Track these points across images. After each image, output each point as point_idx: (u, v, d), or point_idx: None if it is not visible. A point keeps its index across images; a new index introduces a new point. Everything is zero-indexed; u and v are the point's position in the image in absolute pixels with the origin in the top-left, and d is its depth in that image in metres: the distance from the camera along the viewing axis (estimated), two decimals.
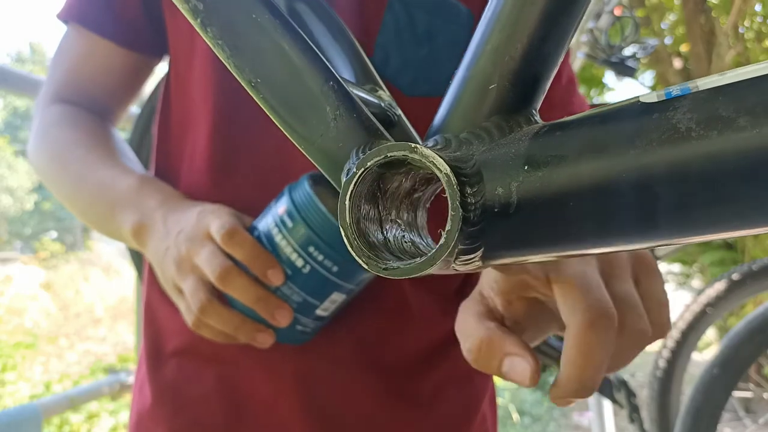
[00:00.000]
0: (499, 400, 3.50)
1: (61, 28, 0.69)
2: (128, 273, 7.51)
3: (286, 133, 0.27)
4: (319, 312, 0.51)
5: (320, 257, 0.47)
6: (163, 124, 0.66)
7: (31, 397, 3.75)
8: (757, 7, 3.62)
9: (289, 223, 0.48)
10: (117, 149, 0.64)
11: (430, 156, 0.21)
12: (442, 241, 0.21)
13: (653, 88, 4.17)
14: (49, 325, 6.21)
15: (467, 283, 0.67)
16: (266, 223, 0.50)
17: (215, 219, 0.49)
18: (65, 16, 0.66)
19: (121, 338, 5.65)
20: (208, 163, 0.59)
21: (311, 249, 0.47)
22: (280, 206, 0.49)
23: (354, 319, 0.59)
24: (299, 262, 0.48)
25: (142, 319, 1.83)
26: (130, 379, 1.62)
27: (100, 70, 0.67)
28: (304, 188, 0.48)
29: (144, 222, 0.55)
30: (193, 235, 0.50)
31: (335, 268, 0.48)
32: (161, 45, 0.66)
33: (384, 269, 0.22)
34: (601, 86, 4.33)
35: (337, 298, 0.51)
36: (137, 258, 1.46)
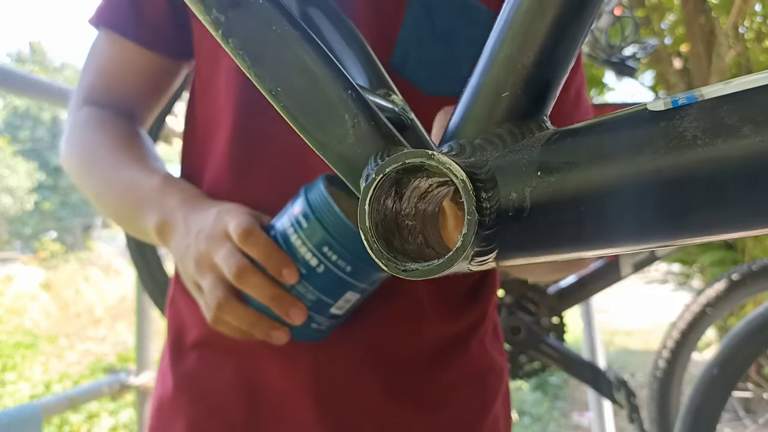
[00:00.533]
0: None
1: (91, 34, 0.71)
2: (128, 273, 7.51)
3: (305, 140, 0.28)
4: (333, 311, 0.52)
5: (334, 257, 0.48)
6: (189, 125, 0.67)
7: (31, 397, 3.75)
8: (757, 7, 3.62)
9: (304, 224, 0.49)
10: (143, 149, 0.66)
11: (446, 163, 0.22)
12: (458, 243, 0.22)
13: (653, 88, 4.17)
14: (49, 325, 6.20)
15: (483, 283, 0.68)
16: (282, 222, 0.51)
17: (232, 219, 0.51)
18: (95, 21, 0.68)
19: (121, 338, 5.64)
20: (228, 163, 0.61)
21: (325, 249, 0.48)
22: (296, 207, 0.50)
23: (367, 317, 0.60)
24: (313, 262, 0.49)
25: (142, 318, 1.83)
26: (130, 379, 1.62)
27: (127, 72, 0.68)
28: (320, 189, 0.49)
29: (166, 221, 0.57)
30: (212, 234, 0.51)
31: (349, 268, 0.49)
32: (188, 48, 0.67)
33: (403, 271, 0.23)
34: (601, 86, 4.33)
35: (351, 297, 0.51)
36: (137, 258, 1.47)
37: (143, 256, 1.47)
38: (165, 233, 0.57)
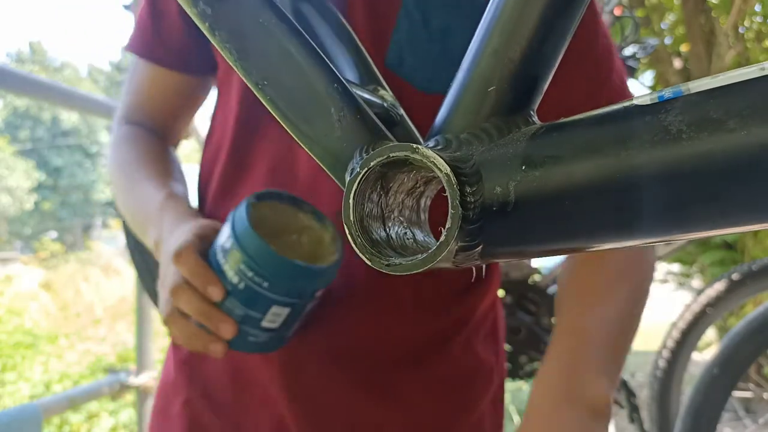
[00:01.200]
0: None
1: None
2: (128, 273, 7.51)
3: (291, 134, 0.28)
4: (265, 324, 0.53)
5: (250, 274, 0.51)
6: (209, 135, 0.71)
7: (31, 397, 3.74)
8: (757, 7, 3.61)
9: (227, 243, 0.52)
10: (165, 166, 0.71)
11: (431, 156, 0.22)
12: (442, 238, 0.22)
13: (653, 88, 4.16)
14: (49, 325, 6.20)
15: (473, 283, 0.68)
16: (215, 242, 0.54)
17: (180, 238, 0.55)
18: (128, 48, 0.73)
19: (120, 338, 5.64)
20: (224, 177, 0.66)
21: (242, 266, 0.51)
22: (224, 227, 0.53)
23: (344, 315, 0.62)
24: (235, 279, 0.51)
25: (142, 319, 1.84)
26: (130, 379, 1.63)
27: (157, 93, 0.74)
28: (240, 209, 0.52)
29: (159, 239, 0.61)
30: (167, 254, 0.56)
31: (266, 284, 0.51)
32: (210, 64, 0.71)
33: (387, 265, 0.23)
34: None
35: (279, 311, 0.53)
36: (137, 258, 1.47)
37: (143, 256, 1.47)
38: (158, 250, 0.61)
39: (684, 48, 3.82)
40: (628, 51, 2.05)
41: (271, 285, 0.51)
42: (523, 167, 0.23)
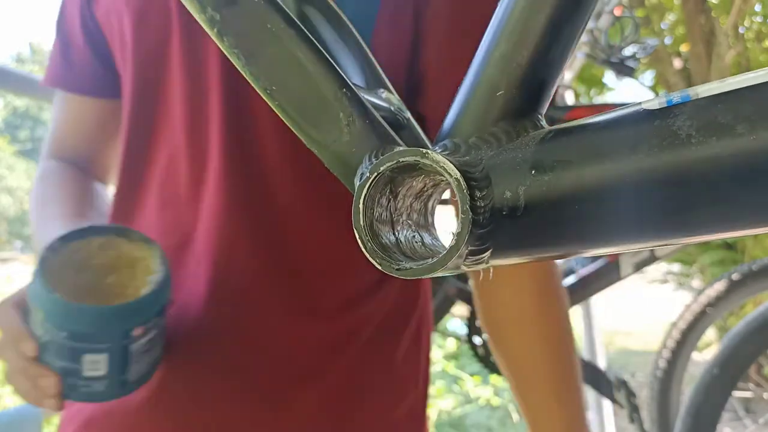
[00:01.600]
0: (499, 400, 3.50)
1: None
2: None
3: (301, 138, 0.28)
4: (87, 374, 0.51)
5: (48, 325, 0.49)
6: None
7: None
8: (757, 7, 3.62)
9: (31, 297, 0.50)
10: (78, 203, 0.68)
11: (440, 161, 0.22)
12: (452, 242, 0.22)
13: (653, 88, 4.17)
14: None
15: (372, 290, 0.65)
16: None
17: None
18: (43, 82, 0.72)
19: None
20: (117, 201, 0.66)
21: (41, 318, 0.49)
22: None
23: (223, 329, 0.60)
24: (39, 332, 0.50)
25: None
26: None
27: (77, 123, 0.72)
28: (37, 262, 0.51)
29: None
30: None
31: (64, 334, 0.49)
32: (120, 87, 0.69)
33: (397, 270, 0.23)
34: (600, 86, 4.34)
35: (96, 358, 0.50)
36: None
37: None
38: None
39: (684, 48, 3.83)
40: (628, 51, 2.04)
41: (70, 334, 0.49)
42: (533, 171, 0.23)
